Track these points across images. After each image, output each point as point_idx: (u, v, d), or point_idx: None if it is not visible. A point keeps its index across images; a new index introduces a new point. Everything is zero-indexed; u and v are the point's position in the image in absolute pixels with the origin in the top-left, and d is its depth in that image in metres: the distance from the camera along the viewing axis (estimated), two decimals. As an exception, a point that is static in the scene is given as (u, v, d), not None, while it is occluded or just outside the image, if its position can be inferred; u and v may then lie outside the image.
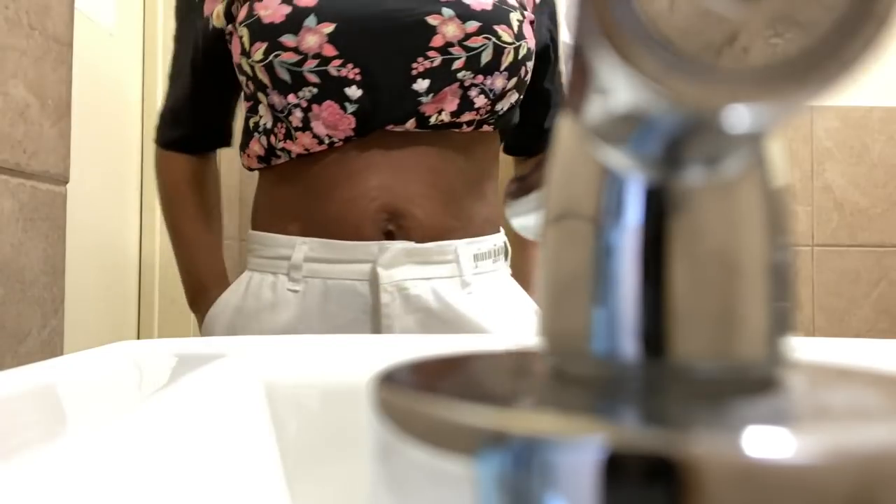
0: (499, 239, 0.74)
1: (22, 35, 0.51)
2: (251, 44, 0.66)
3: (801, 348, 0.15)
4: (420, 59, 0.65)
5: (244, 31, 0.66)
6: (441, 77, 0.65)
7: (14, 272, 0.50)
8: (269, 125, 0.69)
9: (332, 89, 0.65)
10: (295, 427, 0.31)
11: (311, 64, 0.64)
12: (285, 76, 0.65)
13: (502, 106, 0.69)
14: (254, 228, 0.75)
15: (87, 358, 0.33)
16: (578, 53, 0.13)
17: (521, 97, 0.72)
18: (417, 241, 0.67)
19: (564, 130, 0.16)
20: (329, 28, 0.63)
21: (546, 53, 0.78)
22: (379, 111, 0.65)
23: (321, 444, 0.31)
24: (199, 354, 0.36)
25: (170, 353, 0.37)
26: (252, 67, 0.67)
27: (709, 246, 0.14)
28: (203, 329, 0.80)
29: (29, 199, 0.52)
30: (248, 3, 0.67)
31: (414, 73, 0.65)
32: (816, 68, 0.10)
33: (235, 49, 0.68)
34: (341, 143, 0.66)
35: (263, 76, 0.66)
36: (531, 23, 0.71)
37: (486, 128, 0.70)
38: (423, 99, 0.65)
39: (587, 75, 0.13)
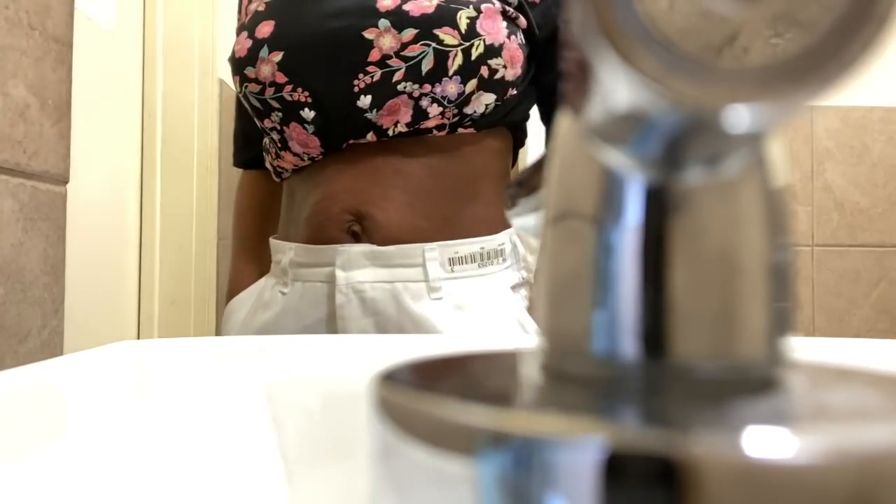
0: (492, 241, 0.71)
1: (22, 35, 0.51)
2: (233, 77, 0.72)
3: (801, 348, 0.15)
4: (360, 76, 0.65)
5: (229, 66, 0.73)
6: (383, 91, 0.65)
7: (14, 272, 0.50)
8: (268, 145, 0.76)
9: (291, 113, 0.68)
10: (295, 427, 0.31)
11: (270, 91, 0.68)
12: (256, 104, 0.70)
13: (474, 109, 0.67)
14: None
15: (87, 358, 0.33)
16: (578, 53, 0.13)
17: (512, 94, 0.69)
18: (380, 244, 0.67)
19: (564, 130, 0.16)
20: (278, 56, 0.67)
21: (557, 38, 0.74)
22: (334, 129, 0.67)
23: (322, 444, 0.31)
24: (200, 354, 0.36)
25: (170, 354, 0.37)
26: (239, 94, 0.73)
27: (709, 246, 0.14)
28: (222, 322, 0.87)
29: (29, 199, 0.52)
30: (237, 37, 0.73)
31: (356, 89, 0.65)
32: (816, 68, 0.10)
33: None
34: (320, 156, 0.69)
35: (246, 104, 0.73)
36: (505, 13, 0.67)
37: (462, 130, 0.69)
38: (370, 115, 0.66)
39: (587, 75, 0.13)
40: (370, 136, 0.67)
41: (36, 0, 0.53)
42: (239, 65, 0.70)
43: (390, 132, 0.67)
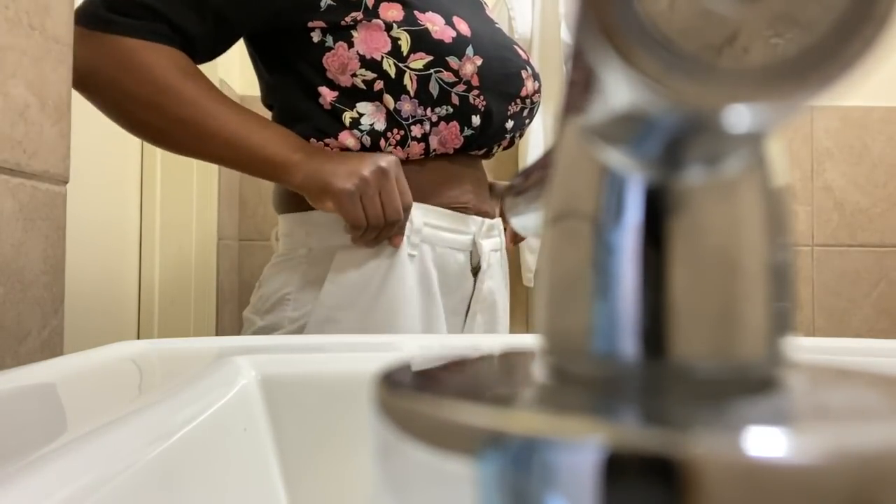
0: None
1: (22, 35, 0.51)
2: (412, 51, 0.69)
3: (801, 348, 0.15)
4: (511, 105, 0.75)
5: (402, 35, 0.69)
6: (519, 121, 0.78)
7: (14, 272, 0.50)
8: (379, 127, 0.71)
9: (463, 113, 0.72)
10: (293, 426, 0.31)
11: (461, 88, 0.71)
12: (435, 91, 0.70)
13: None
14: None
15: (87, 358, 0.33)
16: (578, 53, 0.13)
17: None
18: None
19: (565, 130, 0.16)
20: (479, 61, 0.71)
21: None
22: (479, 140, 0.75)
23: (319, 443, 0.31)
24: (199, 354, 0.36)
25: (170, 353, 0.38)
26: (400, 71, 0.69)
27: (709, 246, 0.14)
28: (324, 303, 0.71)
29: (29, 199, 0.52)
30: (402, 6, 0.69)
31: (508, 113, 0.76)
32: (816, 68, 0.10)
33: (369, 41, 0.68)
34: (434, 156, 0.74)
35: (410, 83, 0.70)
36: None
37: None
38: (507, 136, 0.78)
39: (587, 75, 0.13)
40: (484, 152, 0.78)
41: (36, 0, 0.53)
42: (439, 48, 0.69)
43: (493, 152, 0.80)
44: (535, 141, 1.36)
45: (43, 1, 0.54)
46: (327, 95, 0.71)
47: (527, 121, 0.80)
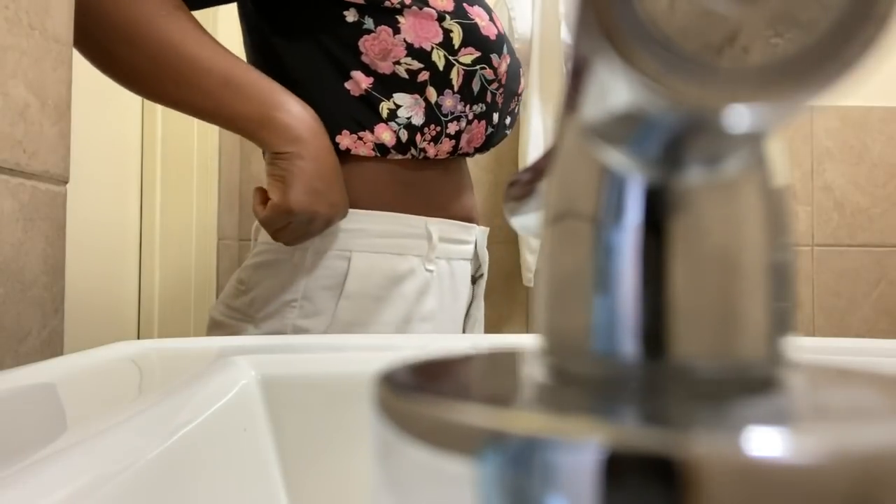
0: None
1: (22, 35, 0.51)
2: (463, 45, 0.66)
3: (801, 348, 0.15)
4: (512, 102, 0.76)
5: (455, 28, 0.65)
6: (513, 118, 0.78)
7: (14, 272, 0.50)
8: (417, 122, 0.67)
9: (491, 112, 0.72)
10: (293, 426, 0.31)
11: (494, 86, 0.71)
12: (477, 87, 0.69)
13: None
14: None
15: (87, 358, 0.33)
16: (578, 53, 0.13)
17: None
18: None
19: (565, 130, 0.16)
20: (508, 60, 0.71)
21: None
22: (494, 138, 0.75)
23: (319, 443, 0.31)
24: (199, 354, 0.36)
25: (170, 353, 0.37)
26: (449, 64, 0.66)
27: (709, 246, 0.14)
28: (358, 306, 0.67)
29: (29, 199, 0.52)
30: None
31: (508, 110, 0.76)
32: (816, 68, 0.10)
33: (418, 29, 0.65)
34: (453, 157, 0.74)
35: (457, 78, 0.67)
36: None
37: None
38: (507, 132, 0.78)
39: (587, 75, 0.13)
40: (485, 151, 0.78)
41: (36, 0, 0.53)
42: (486, 44, 0.67)
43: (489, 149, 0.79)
44: (535, 141, 1.36)
45: (43, 1, 0.54)
46: (361, 81, 0.65)
47: (518, 116, 0.82)
